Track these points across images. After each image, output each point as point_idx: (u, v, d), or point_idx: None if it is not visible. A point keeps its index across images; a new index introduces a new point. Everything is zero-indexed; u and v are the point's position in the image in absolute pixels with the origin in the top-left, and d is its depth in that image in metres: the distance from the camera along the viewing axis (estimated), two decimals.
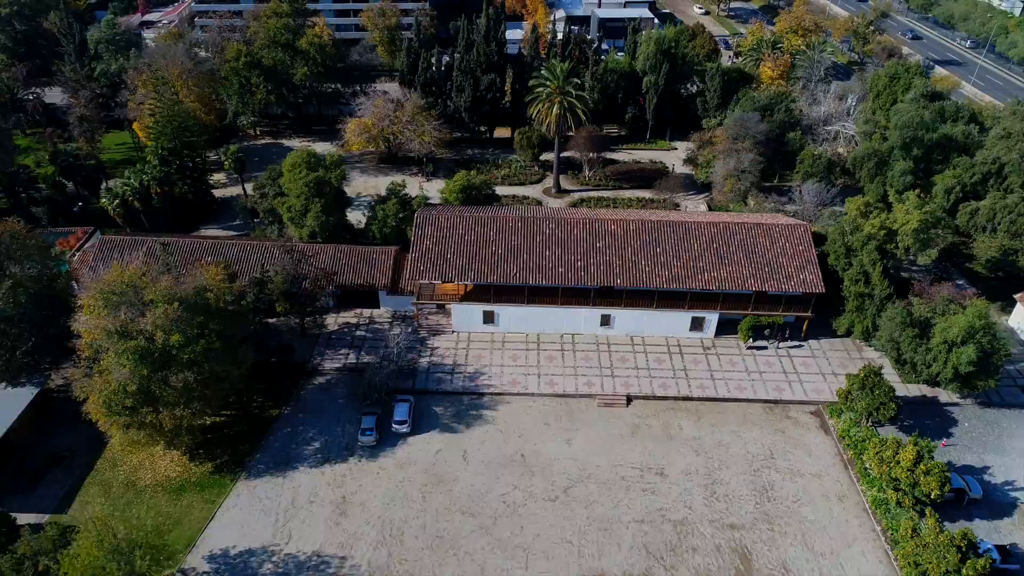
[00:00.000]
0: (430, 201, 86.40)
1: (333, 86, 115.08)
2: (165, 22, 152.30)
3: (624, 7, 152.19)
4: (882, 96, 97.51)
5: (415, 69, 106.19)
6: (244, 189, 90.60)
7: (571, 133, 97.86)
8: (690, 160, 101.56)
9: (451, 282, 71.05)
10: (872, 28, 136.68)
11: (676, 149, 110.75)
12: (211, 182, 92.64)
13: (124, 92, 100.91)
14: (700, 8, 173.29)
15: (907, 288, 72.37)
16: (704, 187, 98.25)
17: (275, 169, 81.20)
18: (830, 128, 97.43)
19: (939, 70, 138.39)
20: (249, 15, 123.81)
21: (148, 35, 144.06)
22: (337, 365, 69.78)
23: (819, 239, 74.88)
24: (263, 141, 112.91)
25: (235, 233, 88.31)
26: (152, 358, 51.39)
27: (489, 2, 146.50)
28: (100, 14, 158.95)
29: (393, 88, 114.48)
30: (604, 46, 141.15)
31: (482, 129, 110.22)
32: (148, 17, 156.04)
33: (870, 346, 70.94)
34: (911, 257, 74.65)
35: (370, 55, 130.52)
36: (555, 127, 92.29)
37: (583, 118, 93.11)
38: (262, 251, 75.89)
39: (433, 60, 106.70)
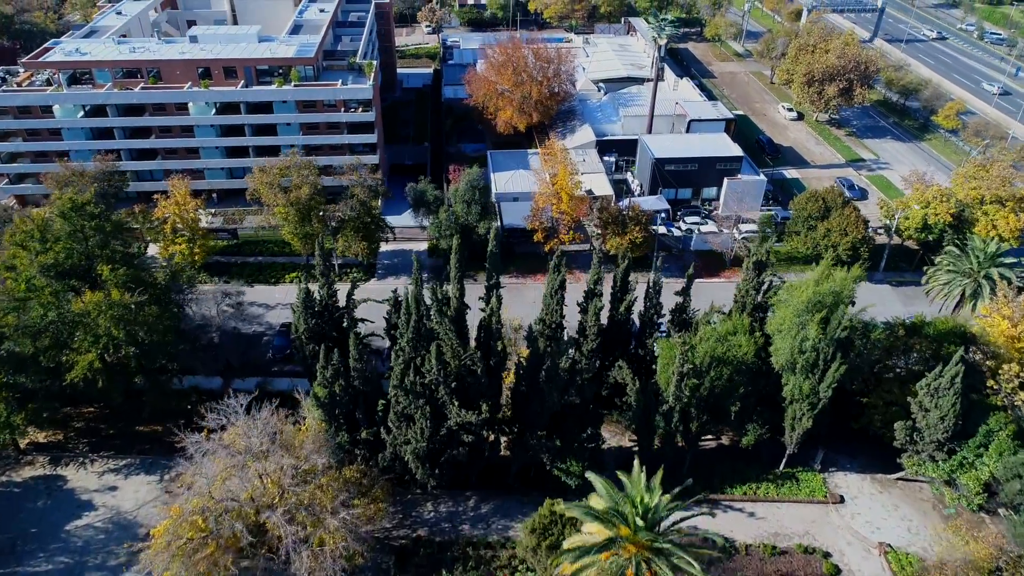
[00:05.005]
0: None
1: (164, 364, 59.20)
2: None
3: (687, 129, 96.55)
4: None
5: (315, 349, 51.03)
6: None
7: None
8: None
9: None
10: None
11: (842, 501, 55.98)
12: None
13: None
14: (789, 110, 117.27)
15: None
16: None
17: None
18: None
19: None
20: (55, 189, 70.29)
21: None
22: None
23: None
24: (34, 472, 57.98)
25: None
26: None
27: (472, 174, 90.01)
28: None
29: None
30: (661, 203, 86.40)
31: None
32: None
33: None
34: None
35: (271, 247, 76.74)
36: None
37: None
38: None
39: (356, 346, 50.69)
